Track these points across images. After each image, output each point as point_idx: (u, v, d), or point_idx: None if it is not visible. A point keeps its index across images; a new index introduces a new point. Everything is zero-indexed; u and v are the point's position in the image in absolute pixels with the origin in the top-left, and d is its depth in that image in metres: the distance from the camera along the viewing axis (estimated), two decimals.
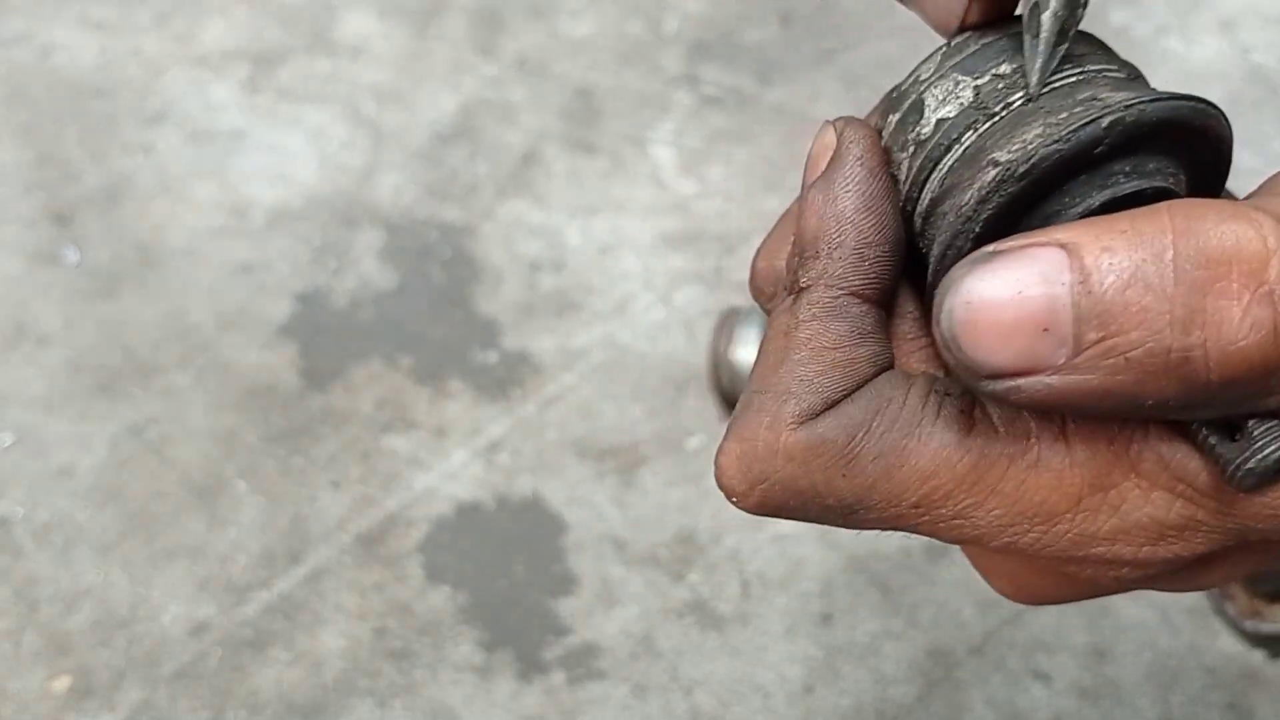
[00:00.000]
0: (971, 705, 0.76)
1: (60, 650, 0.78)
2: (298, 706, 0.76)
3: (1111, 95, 0.31)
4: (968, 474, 0.30)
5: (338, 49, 1.09)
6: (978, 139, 0.31)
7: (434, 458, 0.86)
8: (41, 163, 1.01)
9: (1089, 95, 0.31)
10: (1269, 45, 1.09)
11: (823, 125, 0.34)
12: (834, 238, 0.31)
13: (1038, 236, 0.28)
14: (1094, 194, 0.30)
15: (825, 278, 0.31)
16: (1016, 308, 0.27)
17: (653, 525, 0.83)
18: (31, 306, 0.93)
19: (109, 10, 1.11)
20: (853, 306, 0.31)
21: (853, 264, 0.31)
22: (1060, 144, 0.30)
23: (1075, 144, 0.30)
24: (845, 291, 0.31)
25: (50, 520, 0.83)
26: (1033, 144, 0.30)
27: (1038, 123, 0.30)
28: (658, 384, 0.89)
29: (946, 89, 0.34)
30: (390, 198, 1.00)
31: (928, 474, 0.30)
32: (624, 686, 0.77)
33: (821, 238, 0.32)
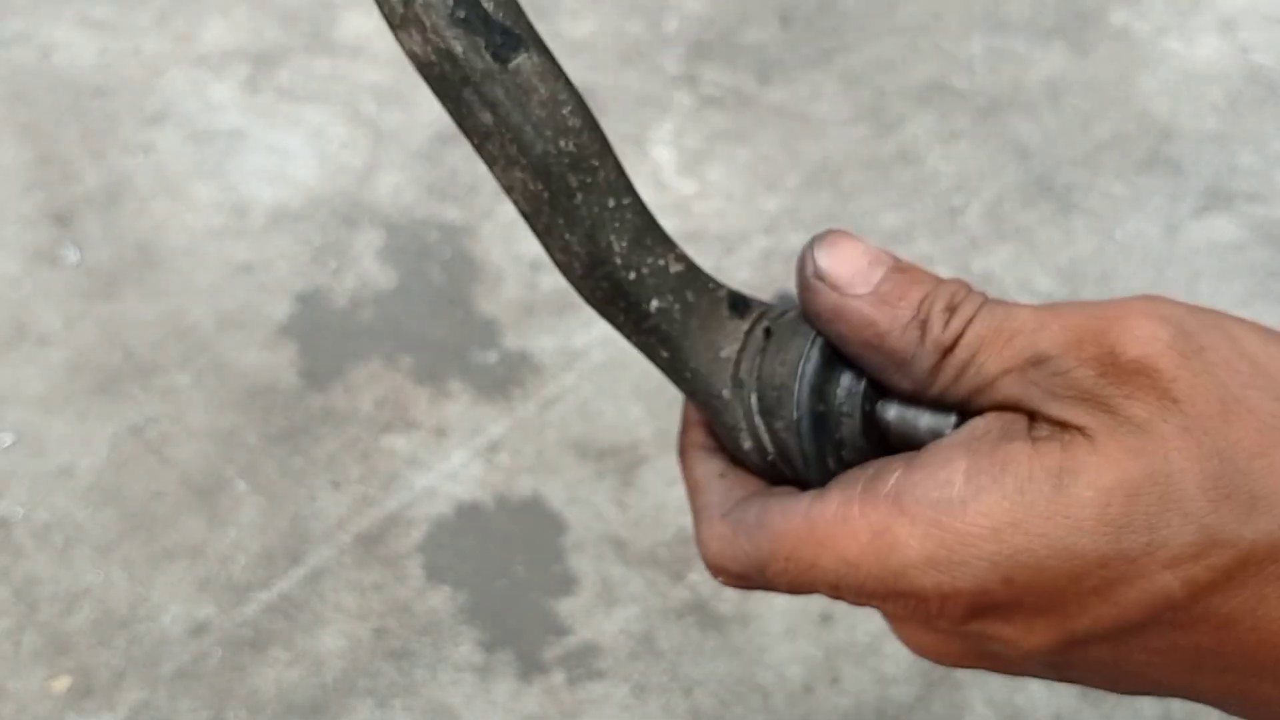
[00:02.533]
0: (971, 705, 0.76)
1: (60, 650, 0.78)
2: (298, 706, 0.76)
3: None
4: (804, 530, 0.39)
5: (337, 49, 1.09)
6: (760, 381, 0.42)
7: (434, 458, 0.86)
8: (41, 162, 1.01)
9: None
10: (1269, 45, 1.09)
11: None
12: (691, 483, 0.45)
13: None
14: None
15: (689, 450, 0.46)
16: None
17: (653, 525, 0.83)
18: (31, 306, 0.93)
19: (109, 10, 1.11)
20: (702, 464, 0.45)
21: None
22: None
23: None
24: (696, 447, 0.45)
25: (50, 520, 0.83)
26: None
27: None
28: (658, 384, 0.89)
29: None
30: (390, 198, 1.00)
31: (782, 532, 0.39)
32: (624, 686, 0.77)
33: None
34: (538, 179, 0.39)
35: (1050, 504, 0.36)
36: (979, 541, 0.36)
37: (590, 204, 0.40)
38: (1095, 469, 0.36)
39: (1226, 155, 1.03)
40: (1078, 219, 0.99)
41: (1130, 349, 0.36)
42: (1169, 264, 0.97)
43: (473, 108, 0.39)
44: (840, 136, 1.04)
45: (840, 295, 0.39)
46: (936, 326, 0.39)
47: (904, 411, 0.40)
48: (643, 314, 0.41)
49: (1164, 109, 1.05)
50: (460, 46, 0.38)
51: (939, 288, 0.40)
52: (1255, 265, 0.97)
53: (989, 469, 0.37)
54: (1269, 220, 0.99)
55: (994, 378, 0.38)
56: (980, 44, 1.11)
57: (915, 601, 0.38)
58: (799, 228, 0.98)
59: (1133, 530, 0.35)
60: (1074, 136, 1.04)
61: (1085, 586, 0.36)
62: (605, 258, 0.40)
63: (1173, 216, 1.00)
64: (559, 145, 0.39)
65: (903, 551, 0.37)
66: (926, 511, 0.37)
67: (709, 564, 0.42)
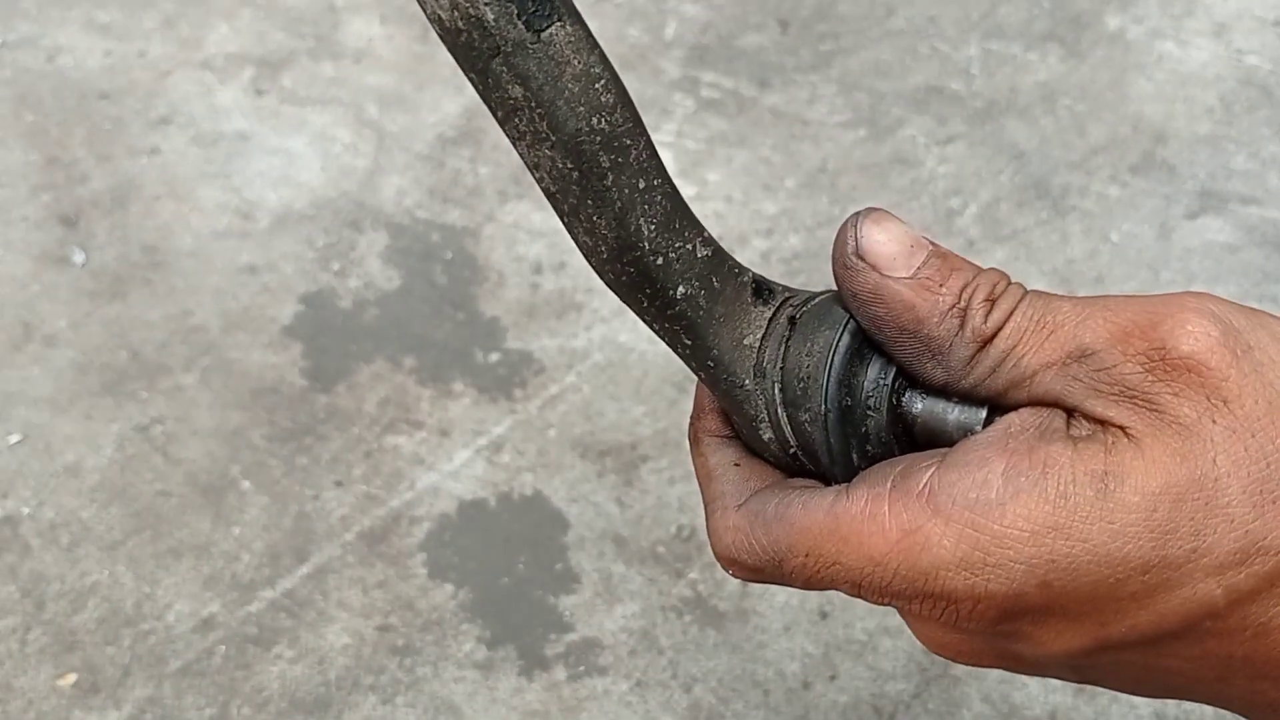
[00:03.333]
0: (968, 701, 0.77)
1: (66, 647, 0.79)
2: (302, 702, 0.77)
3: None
4: (827, 526, 0.37)
5: (342, 53, 1.10)
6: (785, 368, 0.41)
7: (437, 457, 0.87)
8: (48, 165, 1.02)
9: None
10: (1263, 48, 1.10)
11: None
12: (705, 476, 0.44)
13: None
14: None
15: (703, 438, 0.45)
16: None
17: (653, 523, 0.84)
18: (38, 307, 0.94)
19: (115, 14, 1.11)
20: (720, 451, 0.44)
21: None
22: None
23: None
24: (711, 435, 0.44)
25: (56, 519, 0.84)
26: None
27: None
28: (658, 384, 0.90)
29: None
30: (394, 200, 1.01)
31: (804, 527, 0.38)
32: (625, 683, 0.78)
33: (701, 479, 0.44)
34: (567, 158, 0.37)
35: (1094, 508, 0.35)
36: (1017, 544, 0.35)
37: (621, 185, 0.37)
38: (1141, 473, 0.35)
39: (1221, 158, 1.04)
40: (1073, 221, 1.00)
41: (1182, 345, 0.35)
42: (1164, 266, 0.98)
43: (500, 80, 0.36)
44: (838, 139, 1.05)
45: (880, 276, 0.38)
46: (977, 316, 0.38)
47: (932, 405, 0.39)
48: (668, 301, 0.40)
49: (1158, 112, 1.06)
50: (492, 14, 0.35)
51: (980, 276, 0.38)
52: (1249, 267, 0.98)
53: (1028, 470, 0.35)
54: (1263, 222, 1.00)
55: (1033, 372, 0.37)
56: (976, 48, 1.11)
57: (945, 603, 0.36)
58: (797, 229, 0.99)
59: (1178, 537, 0.34)
60: (1069, 139, 1.05)
61: (1124, 593, 0.35)
62: (633, 242, 0.38)
63: (1167, 219, 1.00)
64: (591, 123, 0.37)
65: (935, 552, 0.36)
66: (963, 512, 0.35)
67: (720, 555, 0.41)
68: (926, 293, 0.38)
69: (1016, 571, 0.35)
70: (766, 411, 0.41)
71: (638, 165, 0.38)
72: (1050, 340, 0.37)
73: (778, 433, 0.41)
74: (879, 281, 0.38)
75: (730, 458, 0.43)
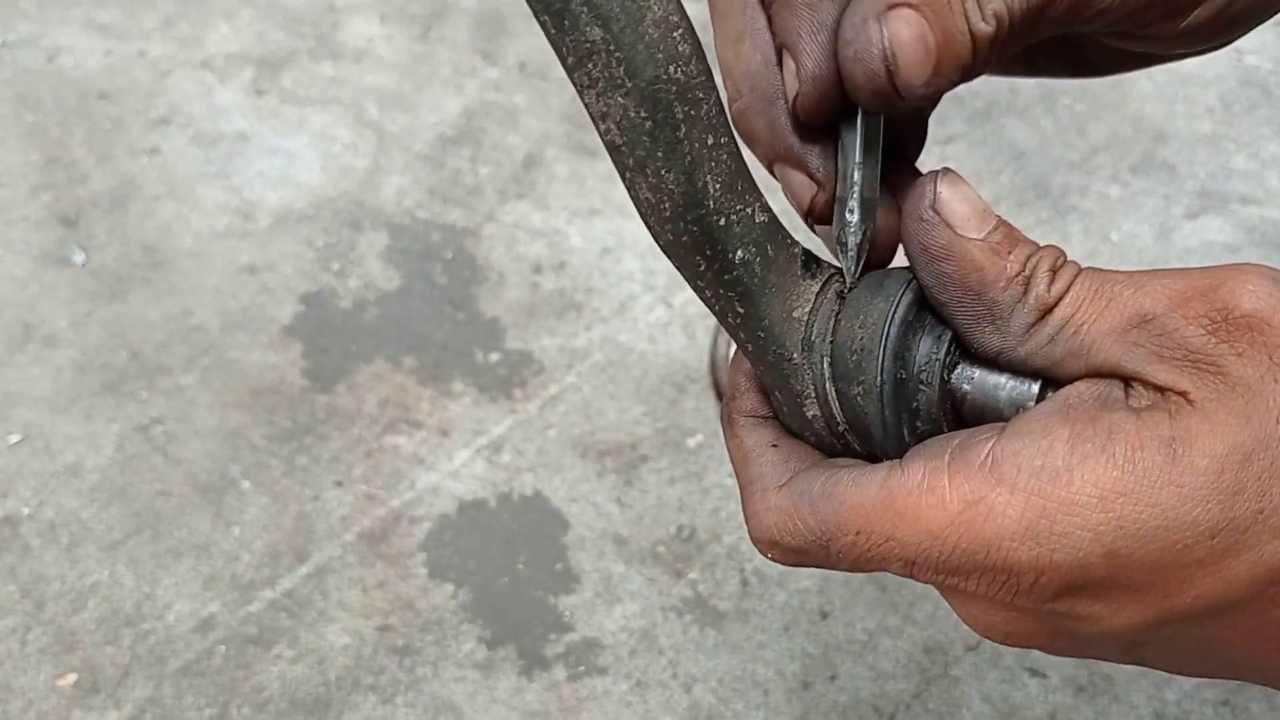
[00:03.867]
0: (968, 701, 0.77)
1: (66, 647, 0.79)
2: (302, 702, 0.77)
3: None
4: (881, 501, 0.37)
5: (341, 53, 1.10)
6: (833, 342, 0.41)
7: (437, 457, 0.87)
8: (48, 165, 1.02)
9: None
10: (1263, 48, 1.10)
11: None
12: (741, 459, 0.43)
13: None
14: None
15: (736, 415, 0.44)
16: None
17: (653, 523, 0.84)
18: (38, 307, 0.94)
19: (115, 14, 1.11)
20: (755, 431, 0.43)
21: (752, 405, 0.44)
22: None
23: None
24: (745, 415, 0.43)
25: (56, 518, 0.84)
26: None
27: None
28: (658, 384, 0.90)
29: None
30: (393, 200, 1.01)
31: (856, 504, 0.37)
32: (625, 683, 0.78)
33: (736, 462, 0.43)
34: (642, 105, 0.35)
35: (1163, 473, 0.34)
36: (1085, 511, 0.35)
37: (693, 139, 0.36)
38: (1208, 436, 0.34)
39: (1220, 157, 1.04)
40: (1073, 221, 1.00)
41: (1244, 303, 0.35)
42: (1163, 265, 0.98)
43: (579, 21, 0.35)
44: None
45: (954, 234, 0.38)
46: (1041, 284, 0.38)
47: (985, 379, 0.39)
48: (727, 264, 0.39)
49: (1158, 112, 1.06)
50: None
51: (1043, 250, 0.39)
52: None
53: (1093, 437, 0.35)
54: (1263, 222, 1.00)
55: (1093, 340, 0.37)
56: None
57: (1005, 576, 0.36)
58: (796, 230, 0.99)
59: (1245, 498, 0.34)
60: (1069, 139, 1.05)
61: (1191, 559, 0.35)
62: (700, 199, 0.37)
63: (1167, 218, 1.00)
64: (669, 71, 0.35)
65: (998, 522, 0.35)
66: (1029, 480, 0.35)
67: (760, 538, 0.40)
68: (995, 256, 0.38)
69: (1083, 540, 0.35)
70: (814, 387, 0.40)
71: (708, 120, 0.37)
72: (1110, 308, 0.37)
73: (824, 409, 0.40)
74: (952, 238, 0.38)
75: (768, 438, 0.42)
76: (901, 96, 0.39)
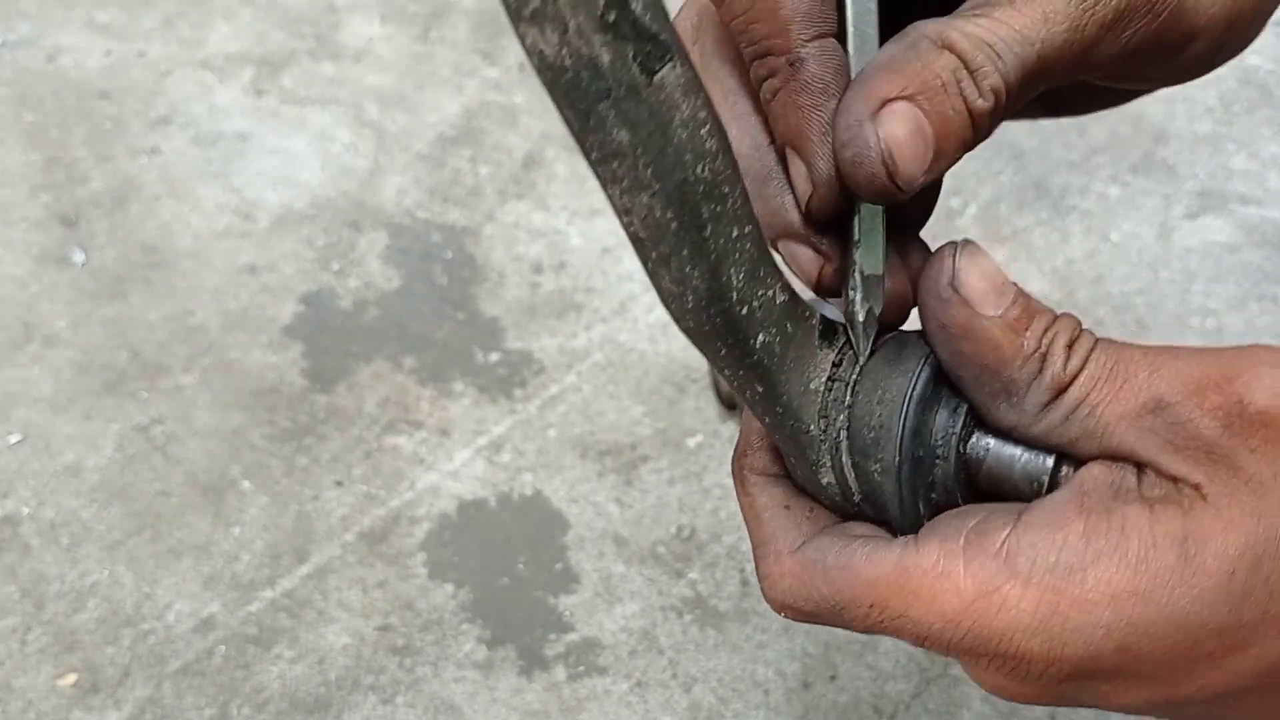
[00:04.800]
0: (968, 701, 0.77)
1: (66, 647, 0.79)
2: (302, 702, 0.77)
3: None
4: (895, 580, 0.37)
5: (341, 53, 1.10)
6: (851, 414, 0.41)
7: (437, 457, 0.87)
8: (48, 165, 1.02)
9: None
10: (1263, 48, 1.10)
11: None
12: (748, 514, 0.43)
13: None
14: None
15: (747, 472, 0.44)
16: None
17: (653, 523, 0.84)
18: (38, 307, 0.94)
19: (115, 14, 1.12)
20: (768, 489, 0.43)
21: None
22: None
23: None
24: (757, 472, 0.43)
25: (57, 518, 0.84)
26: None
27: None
28: (658, 384, 0.90)
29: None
30: (393, 200, 1.01)
31: (871, 579, 0.38)
32: (625, 683, 0.78)
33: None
34: (669, 207, 0.34)
35: (1175, 574, 0.35)
36: (1097, 609, 0.35)
37: (718, 234, 0.36)
38: (1220, 536, 0.35)
39: (1220, 157, 1.04)
40: (1073, 221, 1.00)
41: (1259, 399, 0.35)
42: (1163, 265, 0.98)
43: (606, 123, 0.33)
44: None
45: (972, 312, 0.38)
46: (1057, 362, 0.37)
47: (1000, 450, 0.39)
48: (747, 350, 0.38)
49: (1158, 112, 1.06)
50: (608, 55, 0.32)
51: (1059, 321, 0.38)
52: (1249, 267, 0.98)
53: (1107, 533, 0.35)
54: (1263, 222, 1.00)
55: (1107, 423, 0.37)
56: None
57: (1015, 663, 0.36)
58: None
59: (1253, 599, 0.35)
60: (1069, 139, 1.05)
61: (1199, 654, 0.35)
62: (724, 293, 0.36)
63: (1167, 218, 1.00)
64: (697, 171, 0.34)
65: (1011, 614, 0.36)
66: (1043, 576, 0.35)
67: (773, 600, 0.40)
68: (1013, 334, 0.38)
69: (1095, 635, 0.35)
70: (830, 457, 0.40)
71: (734, 212, 0.36)
72: (1124, 390, 0.37)
73: (840, 479, 0.40)
74: (969, 316, 0.38)
75: (779, 499, 0.42)
76: (904, 190, 0.38)
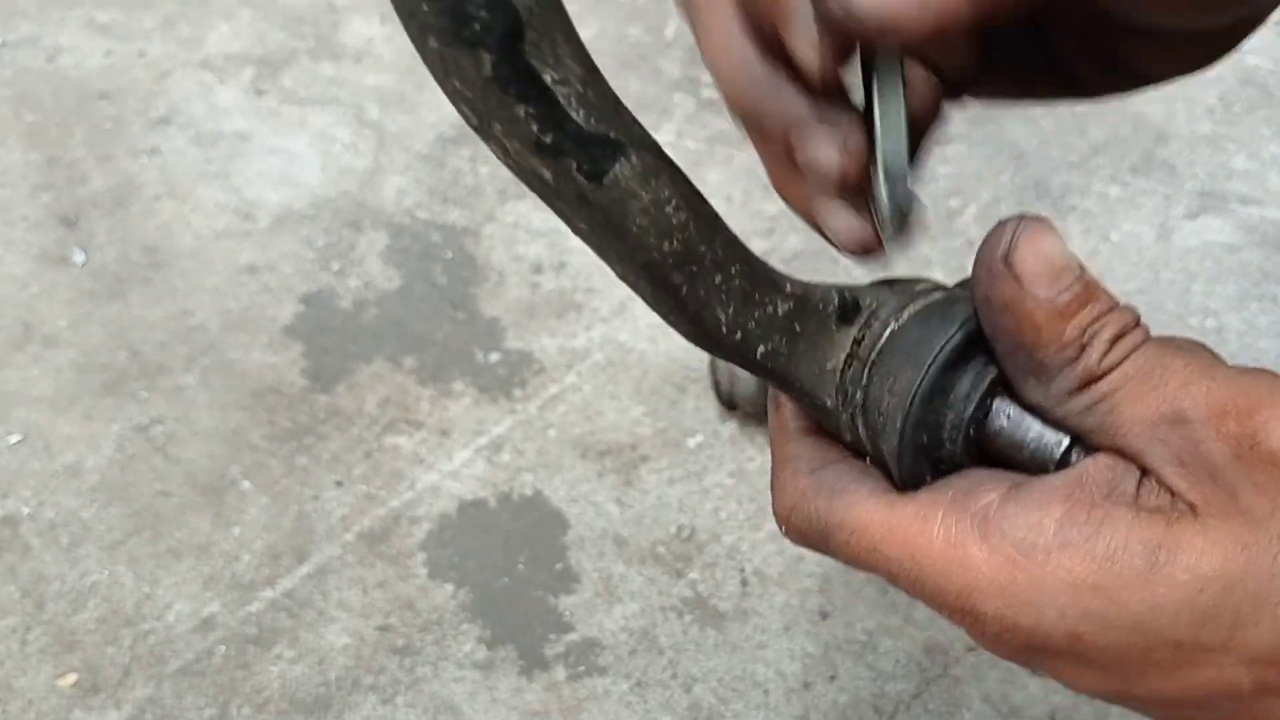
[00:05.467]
0: (969, 701, 0.77)
1: (66, 647, 0.79)
2: (302, 702, 0.77)
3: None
4: (879, 515, 0.39)
5: (341, 53, 1.10)
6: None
7: (437, 457, 0.87)
8: (48, 165, 1.02)
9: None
10: (1264, 48, 1.10)
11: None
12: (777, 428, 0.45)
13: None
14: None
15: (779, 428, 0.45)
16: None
17: (653, 523, 0.84)
18: (38, 307, 0.94)
19: (115, 14, 1.12)
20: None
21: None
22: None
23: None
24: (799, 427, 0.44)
25: (56, 518, 0.84)
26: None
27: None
28: (658, 384, 0.90)
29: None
30: (394, 200, 1.01)
31: (860, 511, 0.40)
32: (625, 683, 0.78)
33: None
34: (639, 279, 0.36)
35: (1138, 577, 0.35)
36: (1053, 591, 0.36)
37: (696, 291, 0.37)
38: (1198, 552, 0.35)
39: (1221, 157, 1.04)
40: (1073, 221, 1.00)
41: (1274, 438, 0.35)
42: (1163, 265, 0.98)
43: (565, 216, 0.35)
44: None
45: (1020, 290, 0.38)
46: (1095, 354, 0.37)
47: (1019, 422, 0.39)
48: (750, 361, 0.40)
49: (1158, 112, 1.06)
50: (549, 172, 0.34)
51: (1112, 315, 0.38)
52: (1249, 266, 0.98)
53: (1083, 524, 0.36)
54: (1263, 222, 1.00)
55: (1125, 423, 0.37)
56: None
57: (973, 620, 0.37)
58: (797, 229, 0.99)
59: (1218, 624, 0.35)
60: (1069, 139, 1.05)
61: (1151, 660, 0.36)
62: (711, 331, 0.38)
63: (1167, 218, 1.00)
64: (663, 249, 0.36)
65: (972, 571, 0.37)
66: (1007, 546, 0.36)
67: (778, 513, 0.42)
68: (1058, 318, 0.38)
69: (1047, 614, 0.36)
70: (848, 429, 0.41)
71: (712, 265, 0.37)
72: (1151, 395, 0.37)
73: (856, 443, 0.42)
74: (1016, 294, 0.38)
75: (808, 424, 0.43)
76: (904, 29, 0.36)
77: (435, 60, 0.31)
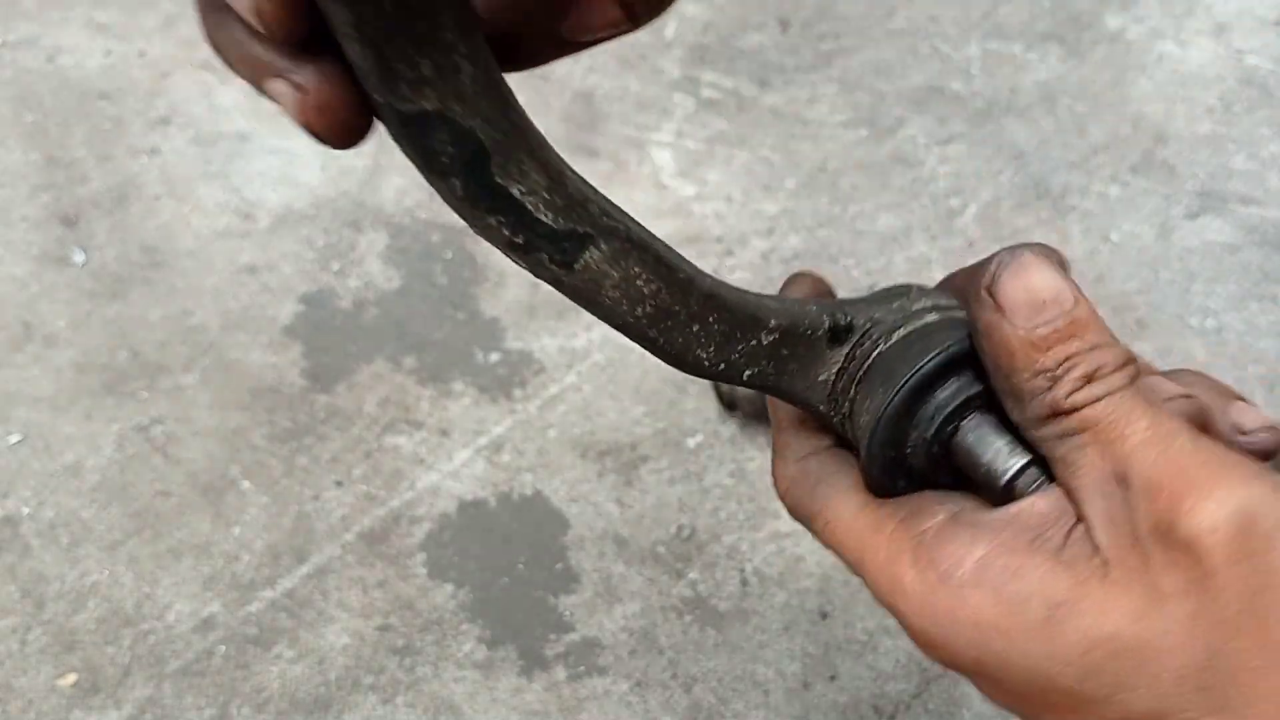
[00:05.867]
0: (968, 701, 0.77)
1: (66, 647, 0.79)
2: (302, 702, 0.77)
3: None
4: (846, 514, 0.43)
5: None
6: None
7: (437, 457, 0.87)
8: (48, 165, 1.02)
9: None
10: (1263, 48, 1.10)
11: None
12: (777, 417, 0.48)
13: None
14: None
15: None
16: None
17: (653, 523, 0.84)
18: (38, 307, 0.94)
19: (115, 14, 1.12)
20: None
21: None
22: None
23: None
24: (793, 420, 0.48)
25: (56, 518, 0.84)
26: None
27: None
28: (658, 384, 0.90)
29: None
30: (393, 200, 1.01)
31: (835, 506, 0.43)
32: (625, 683, 0.78)
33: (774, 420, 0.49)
34: (620, 331, 0.40)
35: (1036, 629, 0.38)
36: (962, 625, 0.39)
37: (674, 340, 0.40)
38: (1094, 615, 0.37)
39: (1220, 158, 1.04)
40: (1073, 221, 1.00)
41: (1191, 526, 0.36)
42: (1163, 265, 0.98)
43: (552, 285, 0.39)
44: (838, 139, 1.05)
45: (999, 317, 0.40)
46: (1064, 388, 0.39)
47: (979, 440, 0.42)
48: (738, 381, 0.43)
49: (1158, 112, 1.06)
50: (525, 264, 0.37)
51: (1093, 353, 0.39)
52: (1249, 266, 0.98)
53: (1000, 568, 0.39)
54: (1263, 222, 1.00)
55: (1082, 466, 0.39)
56: (977, 48, 1.11)
57: (906, 626, 0.41)
58: (797, 229, 0.99)
59: (1101, 681, 0.37)
60: (1069, 139, 1.05)
61: (1048, 700, 0.38)
62: (693, 366, 0.41)
63: (1167, 218, 1.00)
64: (635, 313, 0.39)
65: (901, 592, 0.40)
66: (930, 575, 0.39)
67: (778, 491, 0.46)
68: (1033, 350, 0.39)
69: (956, 641, 0.39)
70: (839, 428, 0.45)
71: (688, 319, 0.40)
72: (1110, 447, 0.38)
73: (847, 440, 0.45)
74: (995, 321, 0.40)
75: (800, 414, 0.47)
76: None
77: (426, 179, 0.37)
